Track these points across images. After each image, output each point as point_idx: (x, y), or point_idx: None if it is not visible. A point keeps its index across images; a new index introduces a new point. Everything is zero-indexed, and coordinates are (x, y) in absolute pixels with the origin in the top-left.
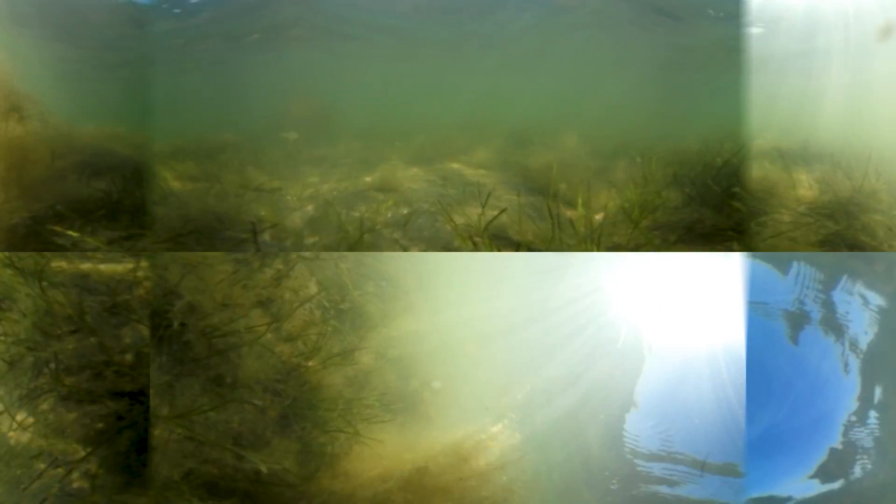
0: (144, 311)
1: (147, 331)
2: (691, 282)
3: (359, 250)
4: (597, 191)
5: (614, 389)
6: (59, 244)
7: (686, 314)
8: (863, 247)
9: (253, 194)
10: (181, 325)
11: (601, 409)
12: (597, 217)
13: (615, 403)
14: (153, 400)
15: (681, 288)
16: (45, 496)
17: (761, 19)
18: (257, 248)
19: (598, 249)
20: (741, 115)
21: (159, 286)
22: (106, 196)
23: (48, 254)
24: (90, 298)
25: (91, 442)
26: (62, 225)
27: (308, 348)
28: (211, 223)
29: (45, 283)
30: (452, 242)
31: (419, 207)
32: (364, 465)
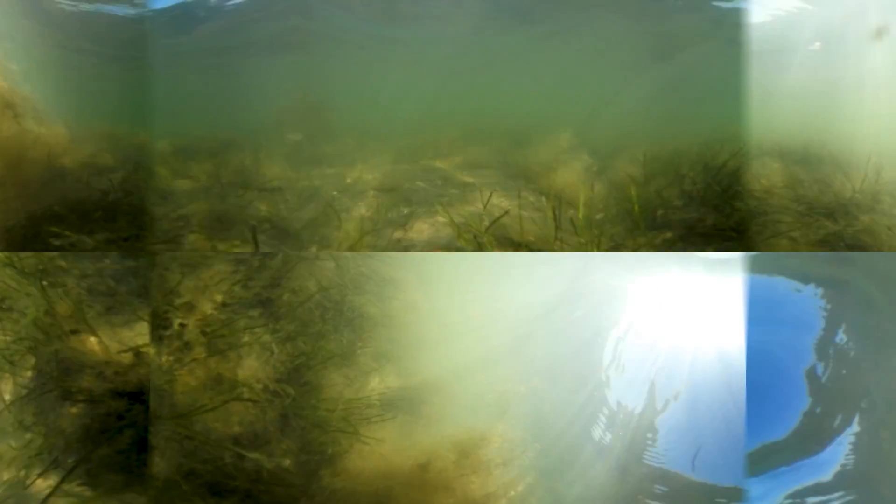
0: (144, 312)
1: (147, 331)
2: (691, 282)
3: (359, 250)
4: (597, 191)
5: (614, 390)
6: (59, 244)
7: (686, 314)
8: (863, 247)
9: (253, 194)
10: (181, 326)
11: (601, 408)
12: (597, 217)
13: (614, 404)
14: (153, 400)
15: (681, 288)
16: (45, 496)
17: (762, 19)
18: (256, 248)
19: (598, 249)
20: (741, 115)
21: (159, 286)
22: (105, 196)
23: (48, 254)
24: (90, 298)
25: (91, 442)
26: (61, 225)
27: (308, 348)
28: (211, 223)
29: (45, 283)
30: (452, 242)
31: (419, 207)
32: (365, 464)
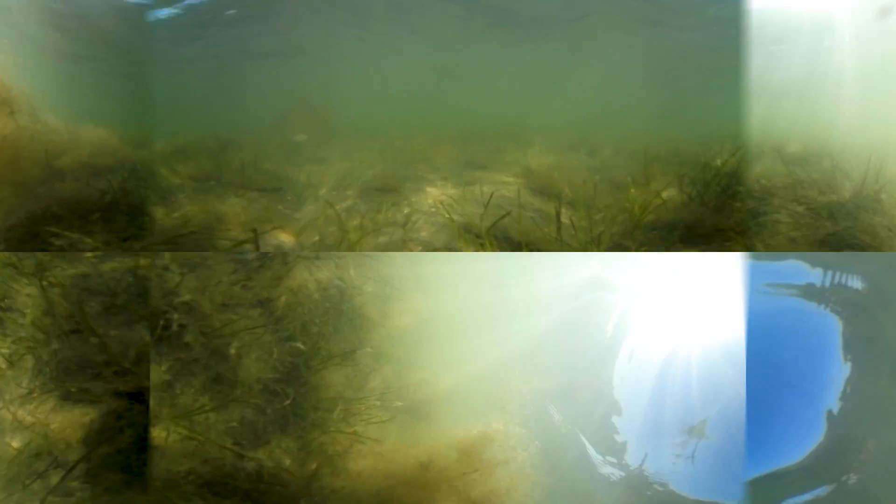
0: (144, 311)
1: (147, 331)
2: (691, 282)
3: (359, 250)
4: (597, 191)
5: (614, 387)
6: (59, 244)
7: (686, 314)
8: (863, 247)
9: (253, 194)
10: (181, 326)
11: (601, 406)
12: (597, 217)
13: (614, 401)
14: (153, 400)
15: (681, 288)
16: (46, 496)
17: (762, 19)
18: (257, 249)
19: (598, 249)
20: (741, 115)
21: (159, 286)
22: (105, 196)
23: (48, 254)
24: (90, 298)
25: (91, 442)
26: (61, 225)
27: (308, 348)
28: (211, 223)
29: (45, 283)
30: (453, 242)
31: (419, 207)
32: (365, 463)
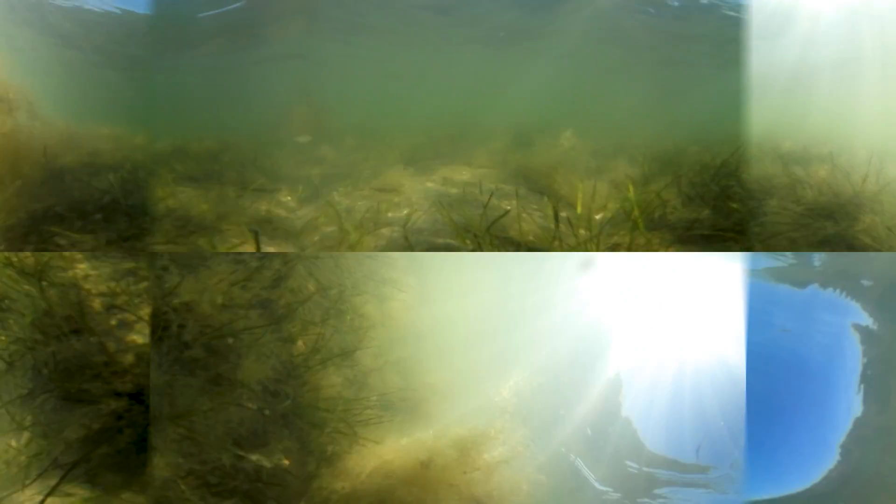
0: (144, 311)
1: (147, 331)
2: (691, 282)
3: (359, 250)
4: (597, 191)
5: (613, 386)
6: (59, 244)
7: (685, 314)
8: (863, 247)
9: (253, 195)
10: (181, 326)
11: (601, 405)
12: (597, 217)
13: (614, 400)
14: (153, 400)
15: (680, 288)
16: (46, 496)
17: (762, 20)
18: (258, 249)
19: (598, 249)
20: (741, 116)
21: (159, 286)
22: (105, 196)
23: (48, 254)
24: (90, 298)
25: (91, 442)
26: (62, 225)
27: (308, 348)
28: (211, 223)
29: (45, 283)
30: (453, 242)
31: (419, 207)
32: (366, 463)
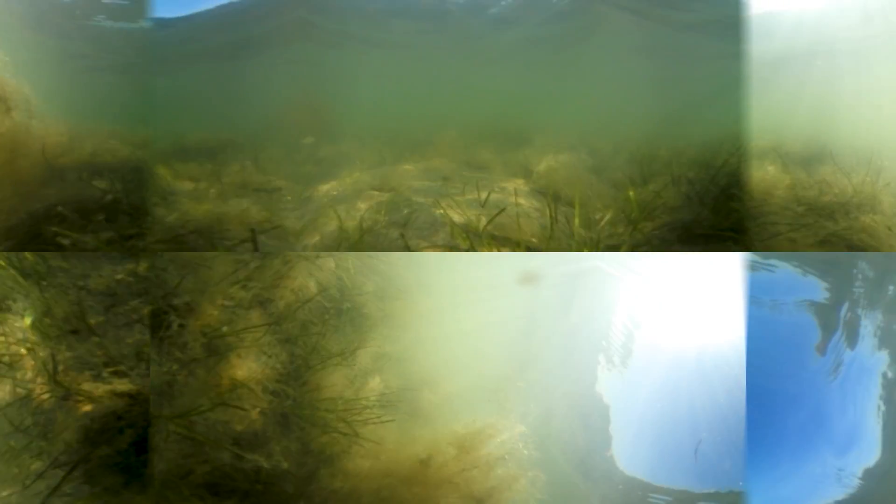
0: (144, 311)
1: (147, 331)
2: (691, 282)
3: (359, 250)
4: (597, 191)
5: (613, 386)
6: (59, 244)
7: (685, 314)
8: (863, 247)
9: (253, 194)
10: (181, 326)
11: (600, 405)
12: (596, 217)
13: (613, 400)
14: (153, 400)
15: (680, 288)
16: (45, 496)
17: (761, 19)
18: (257, 249)
19: (598, 249)
20: (740, 115)
21: (159, 286)
22: (106, 196)
23: (48, 254)
24: (90, 298)
25: (91, 442)
26: (62, 225)
27: (308, 348)
28: (211, 223)
29: (45, 283)
30: (453, 242)
31: (419, 207)
32: (365, 462)
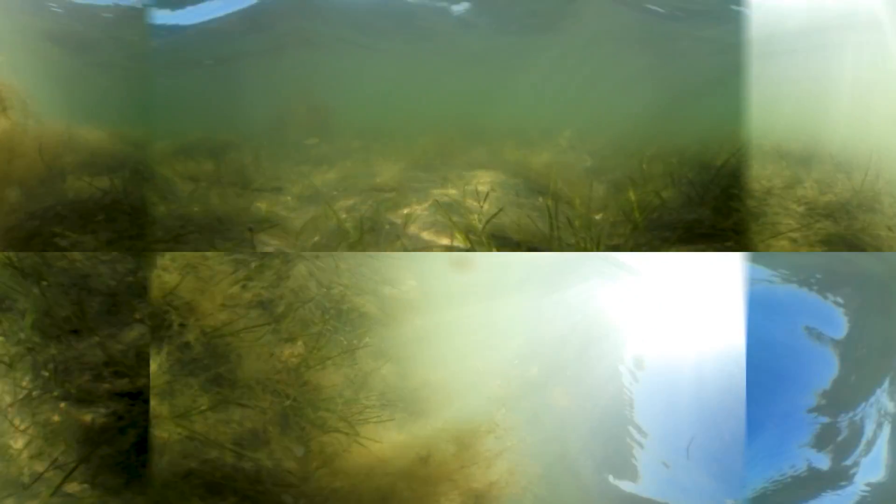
0: (144, 311)
1: (147, 331)
2: (691, 282)
3: (359, 250)
4: (596, 191)
5: (612, 386)
6: (59, 244)
7: (685, 314)
8: (863, 247)
9: (253, 194)
10: (181, 325)
11: (600, 403)
12: (597, 217)
13: (612, 399)
14: (153, 400)
15: (680, 288)
16: (46, 496)
17: (762, 18)
18: (253, 248)
19: (598, 249)
20: (741, 115)
21: (159, 286)
22: (106, 196)
23: (48, 254)
24: (90, 298)
25: (91, 442)
26: (62, 225)
27: (308, 348)
28: (211, 223)
29: (45, 283)
30: (452, 242)
31: (419, 207)
32: (365, 461)
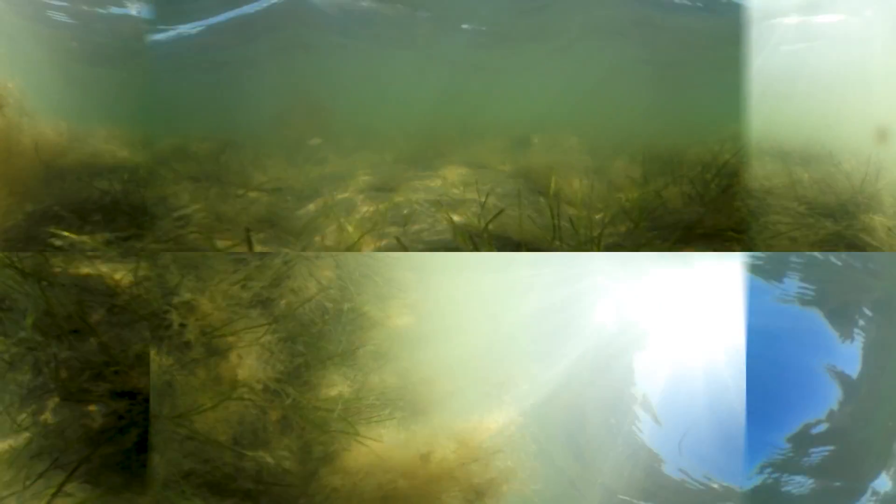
0: (144, 311)
1: (147, 331)
2: (691, 282)
3: (359, 250)
4: (597, 191)
5: (612, 387)
6: (59, 244)
7: (685, 314)
8: (863, 247)
9: (253, 194)
10: (181, 325)
11: (599, 403)
12: (597, 217)
13: (612, 399)
14: (153, 400)
15: (681, 288)
16: (46, 496)
17: (762, 19)
18: (250, 249)
19: (598, 249)
20: (741, 115)
21: (159, 286)
22: (105, 196)
23: (48, 254)
24: (90, 298)
25: (91, 442)
26: (61, 225)
27: (308, 348)
28: (211, 223)
29: (45, 283)
30: (452, 242)
31: (419, 207)
32: (366, 461)
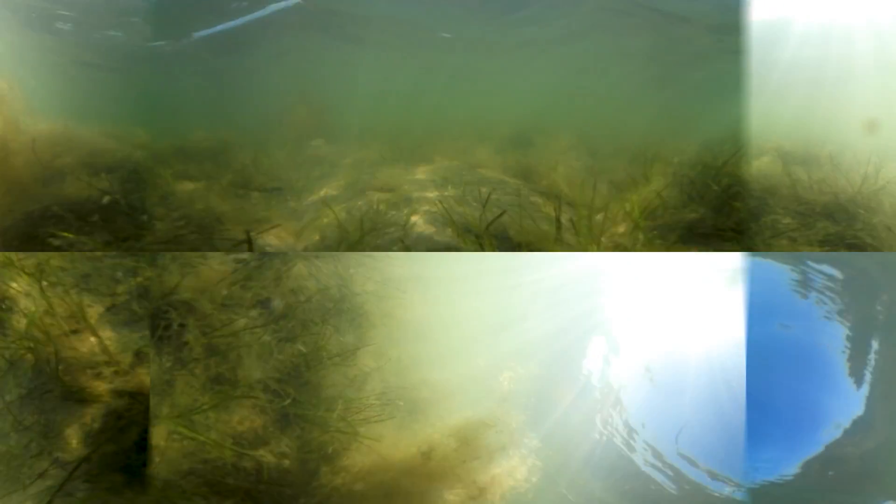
0: (144, 311)
1: (147, 331)
2: (691, 282)
3: (359, 250)
4: (597, 191)
5: (612, 386)
6: (59, 244)
7: (686, 314)
8: (863, 247)
9: (253, 194)
10: (181, 325)
11: (598, 402)
12: (597, 217)
13: (612, 395)
14: (153, 400)
15: (681, 288)
16: (46, 496)
17: (762, 20)
18: (251, 249)
19: (598, 249)
20: (741, 116)
21: (159, 286)
22: (105, 196)
23: (48, 254)
24: (90, 298)
25: (91, 442)
26: (61, 225)
27: (308, 348)
28: (211, 223)
29: (45, 283)
30: (453, 242)
31: (419, 207)
32: (367, 459)
